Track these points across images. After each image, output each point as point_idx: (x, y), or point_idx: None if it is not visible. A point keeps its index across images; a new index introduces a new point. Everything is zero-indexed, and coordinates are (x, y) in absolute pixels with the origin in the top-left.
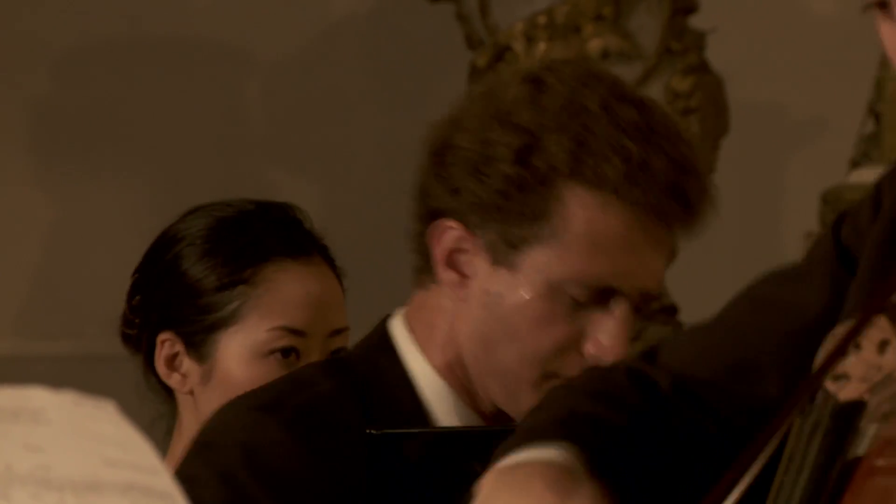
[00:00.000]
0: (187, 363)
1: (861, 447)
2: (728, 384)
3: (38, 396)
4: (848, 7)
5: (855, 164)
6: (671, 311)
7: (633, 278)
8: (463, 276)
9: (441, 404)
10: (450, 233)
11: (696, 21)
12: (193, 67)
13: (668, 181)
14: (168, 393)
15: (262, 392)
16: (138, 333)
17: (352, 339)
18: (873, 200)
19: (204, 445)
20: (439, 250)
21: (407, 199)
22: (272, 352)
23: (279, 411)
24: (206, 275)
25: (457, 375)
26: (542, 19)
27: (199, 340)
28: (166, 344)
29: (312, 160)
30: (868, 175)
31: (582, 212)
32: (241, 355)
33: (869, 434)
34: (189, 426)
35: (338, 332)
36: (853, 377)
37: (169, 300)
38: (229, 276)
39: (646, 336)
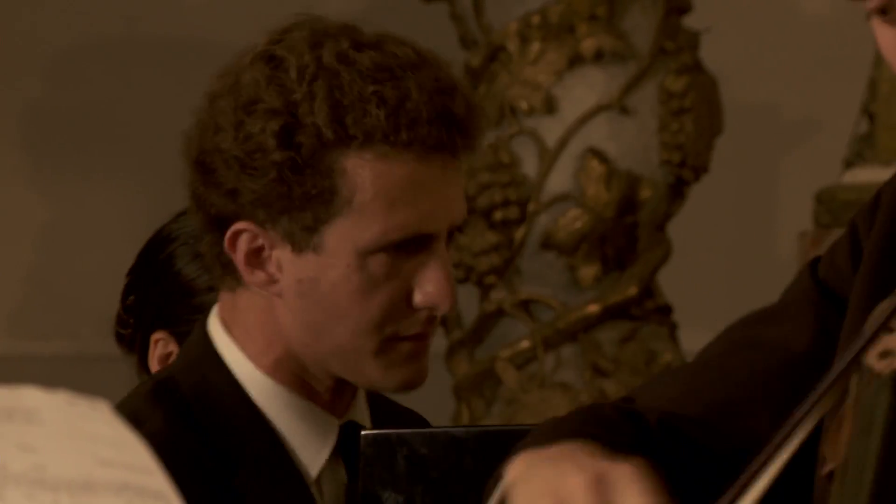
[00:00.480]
0: None
1: None
2: (716, 421)
3: (32, 396)
4: (841, 7)
5: (849, 164)
6: (666, 310)
7: (436, 217)
8: (269, 273)
9: (273, 404)
10: (242, 236)
11: (690, 21)
12: (187, 68)
13: (429, 111)
14: None
15: None
16: (132, 333)
17: None
18: (850, 238)
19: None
20: (238, 256)
21: None
22: None
23: None
24: (200, 274)
25: (288, 370)
26: (535, 19)
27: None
28: (160, 343)
29: None
30: (862, 175)
31: (362, 173)
32: None
33: None
34: None
35: None
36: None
37: (163, 300)
38: None
39: (640, 335)
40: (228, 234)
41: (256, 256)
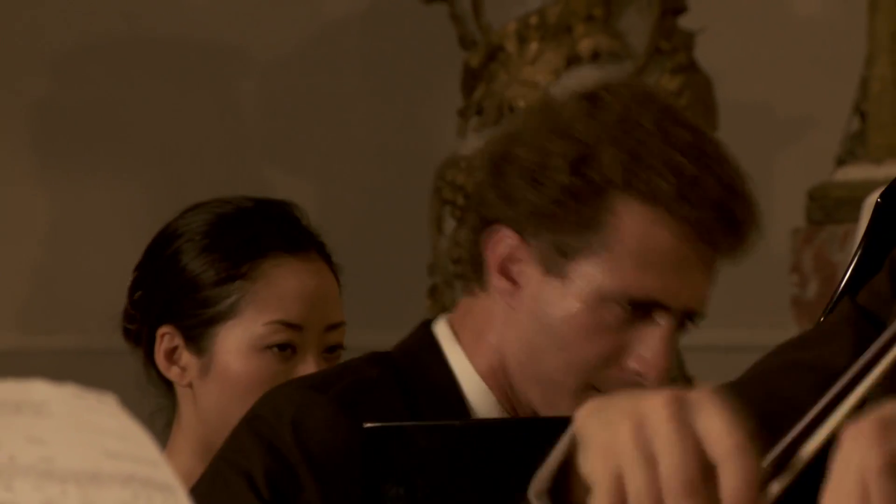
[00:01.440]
0: (186, 356)
1: None
2: (759, 431)
3: (40, 390)
4: (834, 7)
5: (841, 161)
6: None
7: (678, 295)
8: (515, 283)
9: (482, 406)
10: (505, 241)
11: (686, 21)
12: (190, 67)
13: (717, 201)
14: (168, 386)
15: (312, 375)
16: (139, 328)
17: (347, 335)
18: (889, 267)
19: (254, 417)
20: (493, 258)
21: (400, 196)
22: (269, 346)
23: (326, 391)
24: (205, 269)
25: (499, 380)
26: (534, 19)
27: (197, 334)
28: (166, 338)
29: (308, 158)
30: (854, 172)
31: (633, 224)
32: (238, 349)
33: None
34: (188, 418)
35: (334, 326)
36: None
37: (169, 295)
38: (227, 271)
39: None
40: (491, 234)
41: (509, 264)
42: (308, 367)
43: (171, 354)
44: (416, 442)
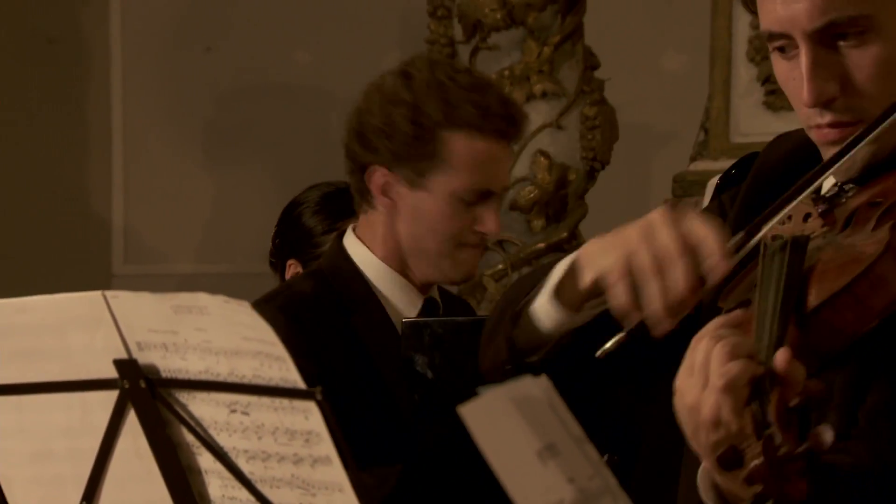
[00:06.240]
0: None
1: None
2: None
3: (203, 298)
4: (690, 63)
5: (693, 159)
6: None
7: (497, 180)
8: (393, 200)
9: (381, 277)
10: (378, 174)
11: (599, 73)
12: (298, 100)
13: (499, 113)
14: None
15: (269, 292)
16: (276, 261)
17: None
18: (719, 208)
19: None
20: (374, 187)
21: None
22: None
23: (269, 301)
24: (316, 225)
25: (396, 260)
26: (506, 72)
27: (312, 265)
28: (291, 266)
29: None
30: (701, 165)
31: (460, 145)
32: None
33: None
34: None
35: None
36: (786, 237)
37: (294, 240)
38: (330, 226)
39: None
40: (370, 173)
41: (386, 189)
42: None
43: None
44: (434, 330)
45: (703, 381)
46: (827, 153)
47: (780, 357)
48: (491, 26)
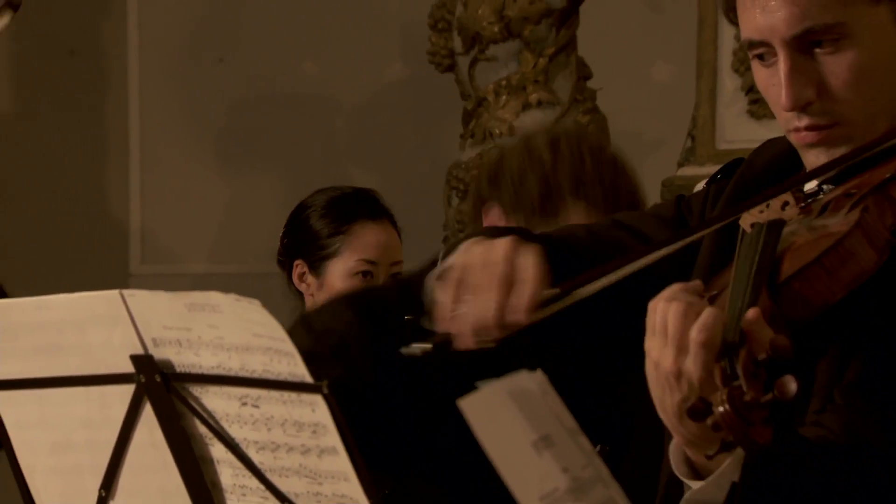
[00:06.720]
0: (310, 278)
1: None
2: (594, 240)
3: (215, 296)
4: (678, 75)
5: (680, 164)
6: None
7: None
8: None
9: None
10: (494, 213)
11: (592, 83)
12: (306, 109)
13: (624, 193)
14: (299, 296)
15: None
16: (284, 260)
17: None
18: (676, 208)
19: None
20: (487, 222)
21: (428, 185)
22: (357, 273)
23: (345, 297)
24: (323, 227)
25: None
26: (504, 82)
27: (317, 265)
28: (298, 266)
29: (376, 163)
30: (689, 171)
31: (576, 216)
32: (339, 275)
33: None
34: None
35: (396, 263)
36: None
37: (302, 241)
38: (336, 229)
39: None
40: (488, 209)
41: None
42: None
43: (301, 277)
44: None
45: (662, 339)
46: (806, 155)
47: (751, 314)
48: (489, 39)
